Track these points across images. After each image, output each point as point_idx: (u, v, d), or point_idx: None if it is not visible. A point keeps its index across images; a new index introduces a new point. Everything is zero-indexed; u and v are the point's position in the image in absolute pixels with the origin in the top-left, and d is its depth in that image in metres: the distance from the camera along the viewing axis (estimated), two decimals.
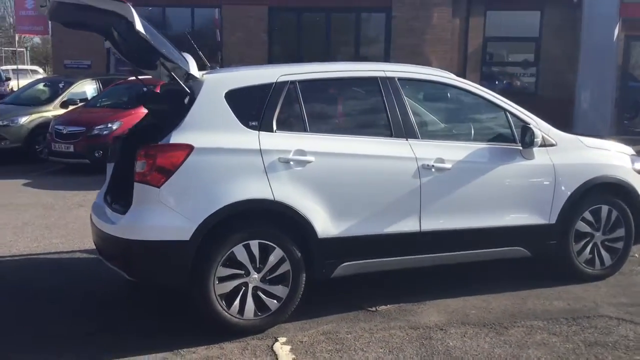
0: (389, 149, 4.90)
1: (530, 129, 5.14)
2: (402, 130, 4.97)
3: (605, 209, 5.55)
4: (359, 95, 5.32)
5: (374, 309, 5.03)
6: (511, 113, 5.34)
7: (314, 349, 4.36)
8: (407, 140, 4.95)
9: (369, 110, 5.25)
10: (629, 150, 5.92)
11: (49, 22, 17.87)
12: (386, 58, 16.73)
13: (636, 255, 6.31)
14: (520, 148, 5.23)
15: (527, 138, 5.15)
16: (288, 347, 4.39)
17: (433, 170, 4.95)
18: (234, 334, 4.53)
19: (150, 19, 17.02)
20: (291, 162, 4.59)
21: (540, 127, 5.37)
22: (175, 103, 4.83)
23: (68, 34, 17.45)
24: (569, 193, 5.37)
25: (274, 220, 4.60)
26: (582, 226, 5.50)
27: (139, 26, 4.24)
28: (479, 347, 4.37)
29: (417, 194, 4.92)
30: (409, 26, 16.40)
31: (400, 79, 5.12)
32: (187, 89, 4.64)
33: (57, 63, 17.72)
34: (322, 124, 4.90)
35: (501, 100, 5.38)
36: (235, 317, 4.51)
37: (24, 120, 13.31)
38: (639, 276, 5.85)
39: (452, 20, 16.50)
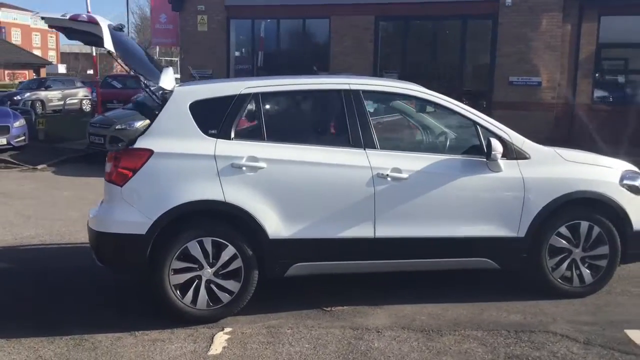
0: (344, 157, 5.14)
1: (490, 141, 5.15)
2: (361, 140, 5.19)
3: (584, 224, 5.40)
4: (320, 107, 5.61)
5: (329, 308, 5.31)
6: (480, 125, 5.36)
7: (248, 340, 4.74)
8: (364, 150, 5.17)
9: (329, 121, 5.53)
10: (624, 165, 5.66)
11: (179, 33, 19.49)
12: (492, 65, 16.43)
13: None
14: (487, 160, 5.25)
15: (490, 150, 5.17)
16: (226, 337, 4.81)
17: (388, 179, 5.12)
18: (188, 321, 5.02)
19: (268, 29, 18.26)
20: (243, 168, 4.99)
21: (513, 140, 5.36)
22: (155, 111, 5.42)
23: (193, 45, 19.01)
24: (540, 207, 5.29)
25: (227, 220, 5.04)
26: (557, 241, 5.39)
27: (107, 44, 4.90)
28: (399, 350, 4.53)
29: (371, 201, 5.12)
30: (516, 33, 15.97)
31: (364, 91, 5.34)
32: (157, 100, 5.21)
33: (184, 72, 19.17)
34: (280, 133, 5.25)
35: (471, 112, 5.41)
36: (189, 307, 5.00)
37: (139, 124, 14.64)
38: (624, 297, 5.59)
39: (563, 26, 15.82)
